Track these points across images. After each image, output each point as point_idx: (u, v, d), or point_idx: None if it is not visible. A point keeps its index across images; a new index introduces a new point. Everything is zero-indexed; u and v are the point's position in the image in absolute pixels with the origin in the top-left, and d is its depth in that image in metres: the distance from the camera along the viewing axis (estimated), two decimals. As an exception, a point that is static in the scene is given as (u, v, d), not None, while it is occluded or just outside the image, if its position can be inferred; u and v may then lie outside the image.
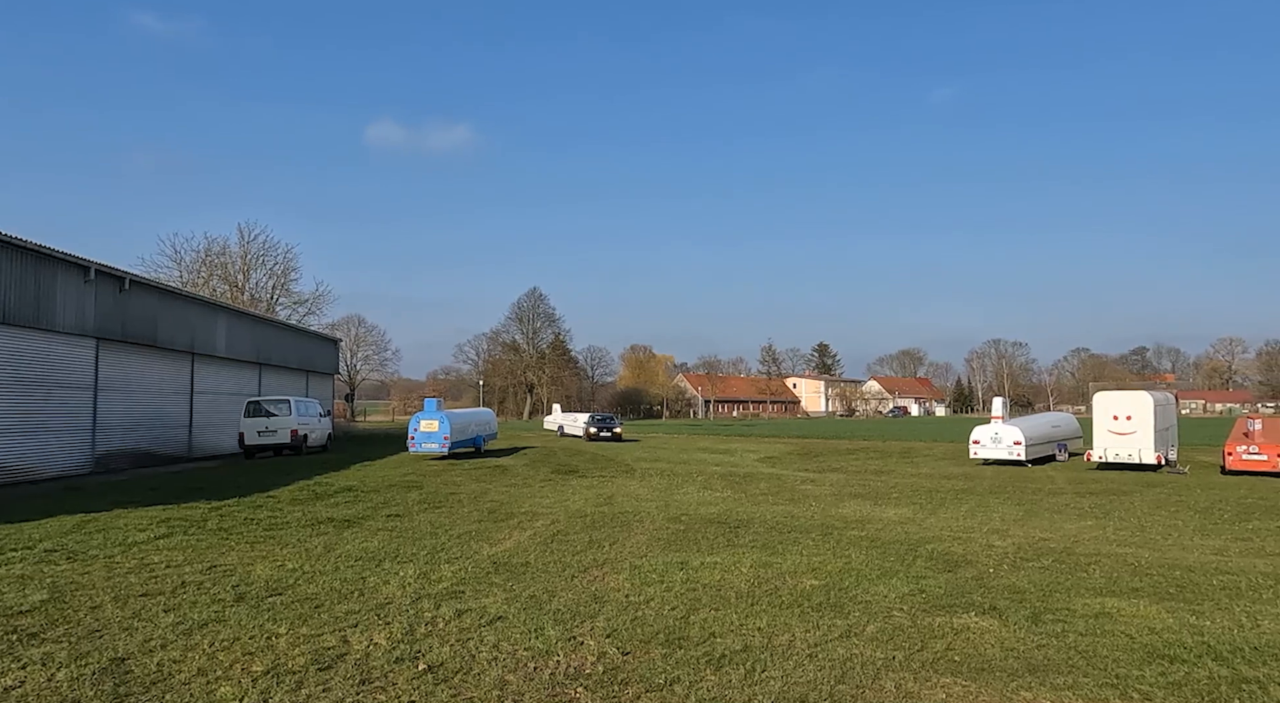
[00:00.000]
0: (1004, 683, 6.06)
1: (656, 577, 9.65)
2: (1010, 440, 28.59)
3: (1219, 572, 10.12)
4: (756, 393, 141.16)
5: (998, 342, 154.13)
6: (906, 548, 11.70)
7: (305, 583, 9.21)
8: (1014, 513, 16.03)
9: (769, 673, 6.28)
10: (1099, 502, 17.97)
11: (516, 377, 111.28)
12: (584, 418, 49.70)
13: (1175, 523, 14.73)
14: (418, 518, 14.62)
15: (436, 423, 28.77)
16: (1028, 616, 7.93)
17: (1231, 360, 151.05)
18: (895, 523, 14.43)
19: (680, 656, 6.69)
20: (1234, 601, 8.60)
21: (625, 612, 8.04)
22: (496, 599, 8.52)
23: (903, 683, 6.07)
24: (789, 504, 17.23)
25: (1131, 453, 26.51)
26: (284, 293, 59.74)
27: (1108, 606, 8.33)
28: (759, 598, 8.64)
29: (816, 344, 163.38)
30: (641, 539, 12.42)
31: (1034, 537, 12.96)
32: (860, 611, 8.16)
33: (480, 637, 7.17)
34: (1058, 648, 6.91)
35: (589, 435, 44.86)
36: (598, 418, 47.71)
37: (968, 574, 9.94)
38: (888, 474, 25.44)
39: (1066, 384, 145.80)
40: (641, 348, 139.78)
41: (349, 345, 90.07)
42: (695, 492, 19.57)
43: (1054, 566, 10.51)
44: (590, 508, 16.19)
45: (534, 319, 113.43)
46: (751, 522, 14.34)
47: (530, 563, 10.49)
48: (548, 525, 13.77)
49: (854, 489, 20.53)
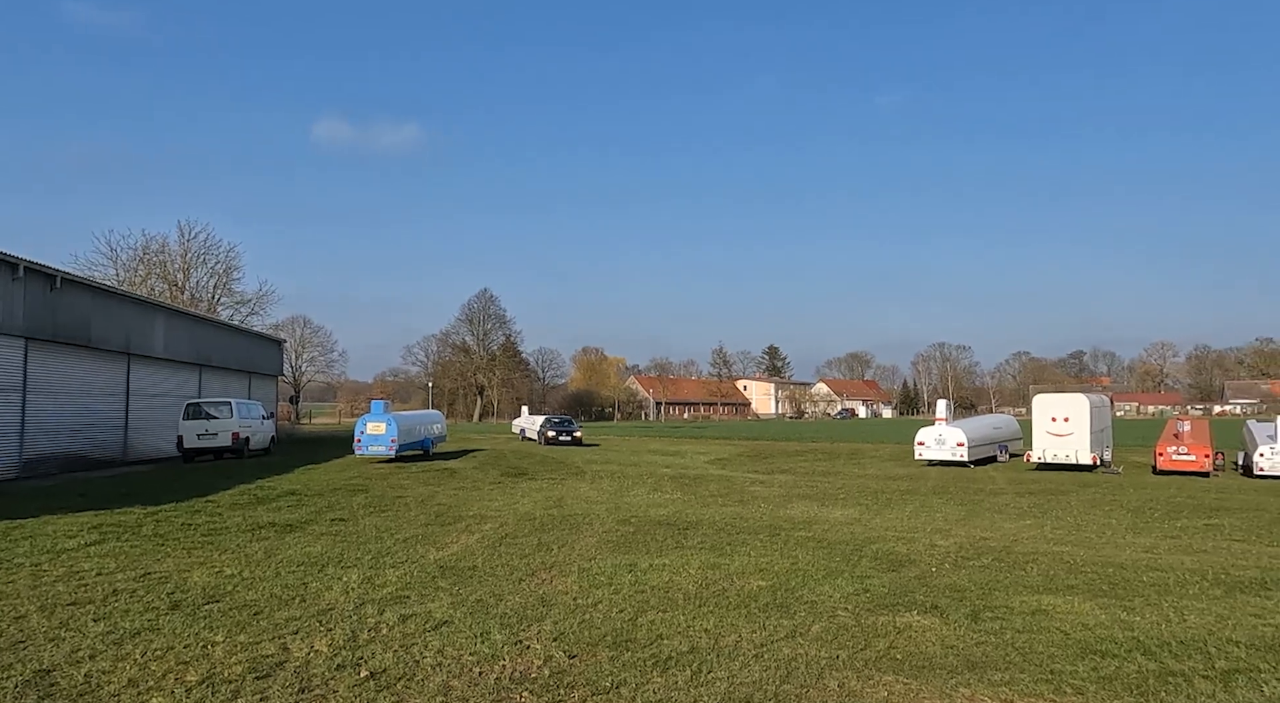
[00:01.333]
0: (944, 680, 6.17)
1: (605, 579, 9.63)
2: (953, 442, 29.22)
3: (1149, 569, 10.46)
4: (707, 395, 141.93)
5: (943, 345, 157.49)
6: (852, 548, 11.86)
7: (244, 589, 8.98)
8: (956, 513, 16.36)
9: (715, 674, 6.31)
10: (1037, 501, 18.45)
11: (467, 379, 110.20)
12: (540, 420, 46.84)
13: (1109, 522, 15.19)
14: (363, 522, 14.37)
15: (383, 425, 28.33)
16: (968, 614, 8.10)
17: (1163, 364, 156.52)
18: (842, 524, 14.63)
19: (627, 658, 6.68)
20: (1162, 596, 8.90)
21: (572, 615, 8.01)
22: (442, 604, 8.41)
23: (846, 682, 6.14)
24: (738, 506, 17.35)
25: (1069, 454, 27.29)
26: (226, 293, 58.20)
27: (1044, 603, 8.55)
28: (706, 599, 8.68)
29: (767, 347, 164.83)
30: (590, 542, 12.39)
31: (975, 536, 13.25)
32: (806, 610, 8.24)
33: (424, 642, 7.07)
34: (996, 645, 7.07)
35: (545, 439, 42.12)
36: (555, 420, 45.29)
37: (911, 574, 10.12)
38: (835, 475, 25.78)
39: (1008, 387, 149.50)
40: (593, 350, 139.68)
41: (294, 347, 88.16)
42: (645, 494, 19.59)
43: (994, 564, 10.76)
44: (539, 511, 16.10)
45: (484, 321, 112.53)
46: (700, 523, 14.40)
47: (477, 567, 10.39)
48: (496, 529, 13.65)
49: (802, 490, 20.76)
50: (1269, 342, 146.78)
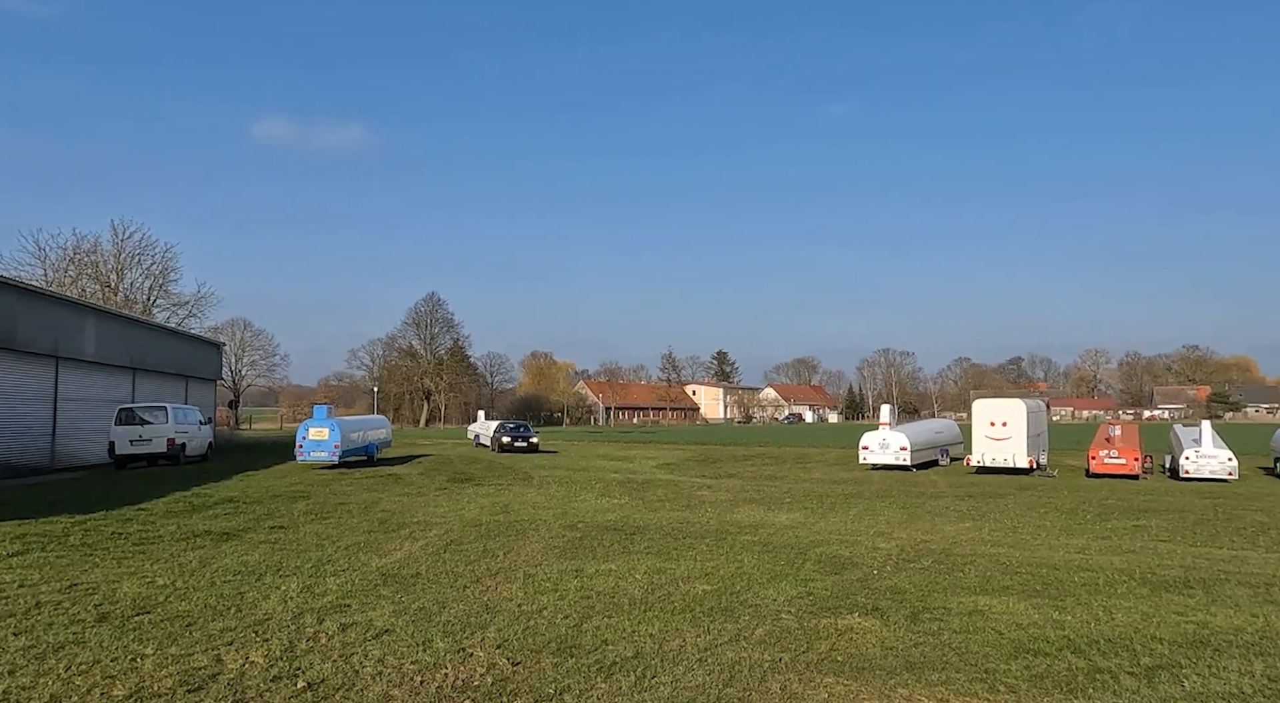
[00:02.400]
0: (883, 681, 6.28)
1: (550, 585, 9.58)
2: (897, 446, 29.78)
3: (1081, 569, 10.79)
4: (657, 400, 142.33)
5: (887, 351, 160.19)
6: (796, 552, 12.00)
7: (177, 600, 8.72)
8: (898, 516, 16.67)
9: (659, 679, 6.32)
10: (976, 504, 18.90)
11: (413, 383, 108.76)
12: (494, 425, 44.15)
13: (1044, 524, 15.63)
14: (303, 530, 14.07)
15: (326, 430, 27.77)
16: (907, 615, 8.25)
17: (1096, 370, 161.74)
18: (787, 527, 14.79)
19: (571, 664, 6.66)
20: (1093, 596, 9.19)
21: (517, 622, 7.95)
22: (384, 612, 8.27)
23: (788, 684, 6.21)
24: (685, 511, 17.43)
25: (1007, 457, 28.02)
26: (162, 294, 56.44)
27: (980, 604, 8.75)
28: (652, 604, 8.69)
29: (716, 352, 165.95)
30: (537, 548, 12.32)
31: (916, 539, 13.51)
32: (750, 614, 8.31)
33: (365, 651, 6.95)
34: (934, 646, 7.22)
35: (499, 446, 39.74)
36: (510, 426, 43.07)
37: (853, 576, 10.28)
38: (782, 480, 26.07)
39: (950, 392, 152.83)
40: (542, 355, 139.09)
41: (234, 350, 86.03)
42: (593, 499, 19.56)
43: (933, 566, 10.98)
44: (486, 517, 15.95)
45: (432, 325, 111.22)
46: (648, 528, 14.42)
47: (421, 574, 10.25)
48: (441, 535, 13.49)
49: (749, 495, 20.94)
50: (1195, 349, 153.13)
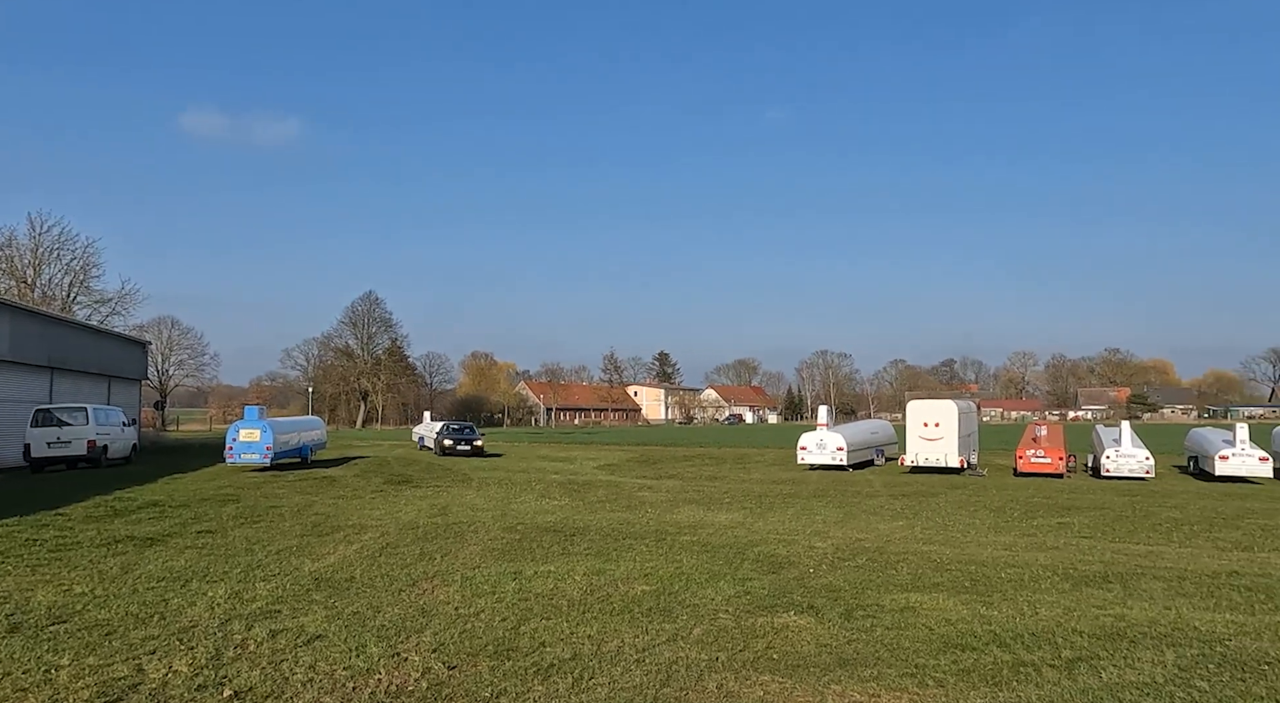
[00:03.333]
0: (817, 678, 6.38)
1: (488, 588, 9.50)
2: (834, 447, 30.27)
3: (1007, 566, 11.13)
4: (598, 401, 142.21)
5: (825, 353, 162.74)
6: (735, 552, 12.11)
7: (96, 608, 8.39)
8: (835, 515, 16.96)
9: (596, 680, 6.32)
10: (910, 503, 19.34)
11: (350, 384, 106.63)
12: (437, 427, 42.24)
13: (973, 522, 16.08)
14: (232, 534, 13.67)
15: (258, 432, 27.04)
16: (841, 613, 8.40)
17: (1024, 372, 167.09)
18: (726, 527, 14.92)
19: (508, 667, 6.61)
20: (1018, 591, 9.49)
21: (454, 625, 7.86)
22: (316, 617, 8.09)
23: (724, 683, 6.27)
24: (625, 511, 17.45)
25: (939, 457, 28.72)
26: (83, 291, 54.23)
27: (912, 600, 8.96)
28: (591, 605, 8.68)
29: (658, 353, 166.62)
30: (475, 550, 12.19)
31: (851, 538, 13.77)
32: (688, 614, 8.37)
33: (295, 658, 6.78)
34: (866, 642, 7.37)
35: (441, 449, 37.82)
36: (453, 427, 41.06)
37: (790, 575, 10.42)
38: (721, 480, 26.28)
39: (886, 393, 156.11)
40: (482, 355, 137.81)
41: (160, 349, 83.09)
42: (533, 500, 19.44)
43: (867, 564, 11.20)
44: (423, 519, 15.72)
45: (369, 324, 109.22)
46: (587, 529, 14.40)
47: (355, 578, 10.05)
48: (376, 538, 13.25)
49: (689, 495, 21.06)
50: (1116, 352, 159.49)
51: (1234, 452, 26.15)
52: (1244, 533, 14.70)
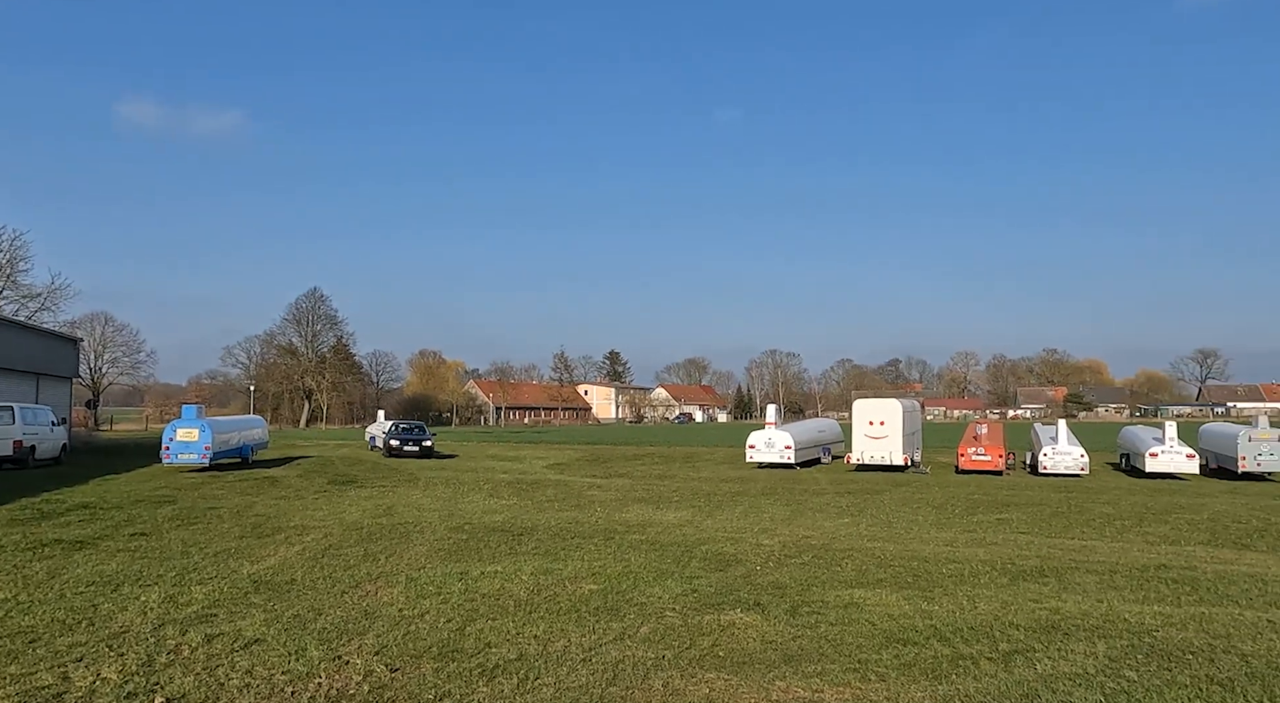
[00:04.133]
0: (762, 674, 6.43)
1: (434, 589, 9.37)
2: (782, 445, 30.58)
3: (948, 561, 11.37)
4: (549, 400, 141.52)
5: (774, 352, 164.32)
6: (683, 550, 12.16)
7: (20, 614, 8.06)
8: (782, 513, 17.14)
9: (542, 680, 6.27)
10: (855, 501, 19.64)
11: (293, 382, 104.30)
12: (388, 426, 40.31)
13: (916, 518, 16.39)
14: (168, 536, 13.26)
15: (196, 431, 26.28)
16: (787, 609, 8.49)
17: (967, 372, 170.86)
18: (675, 526, 14.96)
19: (453, 669, 6.53)
20: (958, 586, 9.70)
21: (397, 627, 7.74)
22: (254, 621, 7.89)
23: (670, 681, 6.28)
24: (574, 511, 17.39)
25: (884, 455, 29.23)
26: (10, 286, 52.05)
27: (856, 596, 9.09)
28: (537, 605, 8.63)
29: (608, 352, 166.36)
30: (421, 551, 12.03)
31: (798, 535, 13.92)
32: (636, 613, 8.36)
33: (232, 662, 6.61)
34: (811, 638, 7.45)
35: (388, 450, 36.03)
36: (401, 427, 39.09)
37: (737, 573, 10.49)
38: (671, 479, 26.37)
39: (833, 392, 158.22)
40: (431, 353, 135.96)
41: (93, 346, 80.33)
42: (481, 500, 19.26)
43: (813, 561, 11.34)
44: (368, 520, 15.46)
45: (313, 321, 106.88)
46: (536, 529, 14.31)
47: (296, 580, 9.84)
48: (319, 539, 12.99)
49: (638, 494, 21.08)
50: (1054, 352, 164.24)
51: (1163, 449, 27.13)
52: (1171, 528, 15.25)
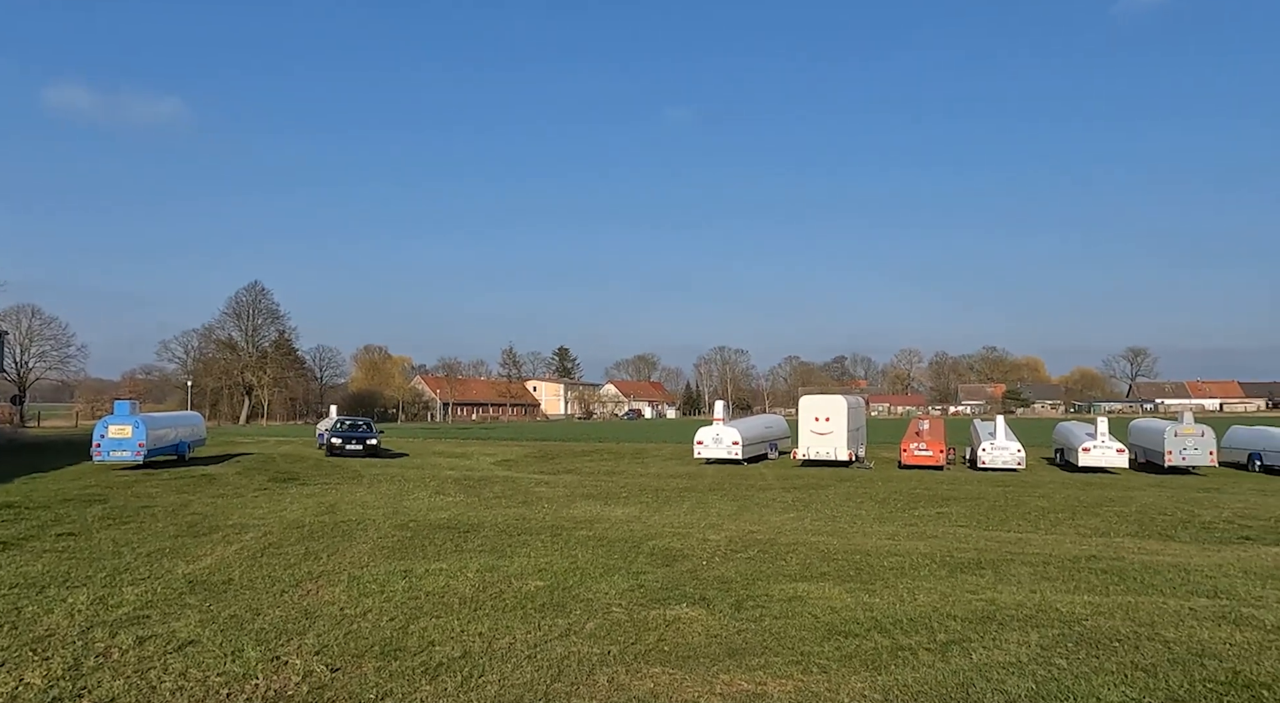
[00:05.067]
0: (707, 668, 6.48)
1: (376, 587, 9.24)
2: (729, 441, 30.83)
3: (890, 554, 11.59)
4: (497, 396, 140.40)
5: (723, 349, 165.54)
6: (630, 546, 12.18)
7: (-62, 619, 7.72)
8: (729, 508, 17.28)
9: (486, 678, 6.23)
10: (800, 496, 19.90)
11: (233, 378, 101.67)
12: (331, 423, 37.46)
13: (859, 513, 16.68)
14: (98, 536, 12.83)
15: (129, 428, 25.48)
16: (732, 603, 8.56)
17: (910, 369, 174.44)
18: (622, 522, 14.98)
19: (395, 667, 6.44)
20: (899, 579, 9.89)
21: (339, 626, 7.61)
22: (189, 622, 7.69)
23: (615, 676, 6.29)
24: (522, 507, 17.29)
25: (829, 451, 29.66)
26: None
27: (800, 590, 9.22)
28: (483, 603, 8.57)
29: (557, 348, 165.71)
30: (364, 549, 11.84)
31: (744, 530, 14.05)
32: (582, 609, 8.35)
33: (165, 665, 6.42)
34: (755, 632, 7.53)
35: (329, 449, 33.11)
36: (345, 423, 36.09)
37: (684, 568, 10.55)
38: (619, 475, 26.40)
39: (780, 389, 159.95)
40: (376, 349, 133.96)
41: (18, 340, 77.35)
42: (426, 497, 19.04)
43: (759, 556, 11.46)
44: (309, 517, 15.16)
45: (254, 316, 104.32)
46: (482, 526, 14.20)
47: (234, 580, 9.60)
48: (258, 538, 12.69)
49: (586, 490, 21.06)
50: (993, 350, 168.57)
51: (1095, 444, 28.06)
52: (1102, 520, 15.78)
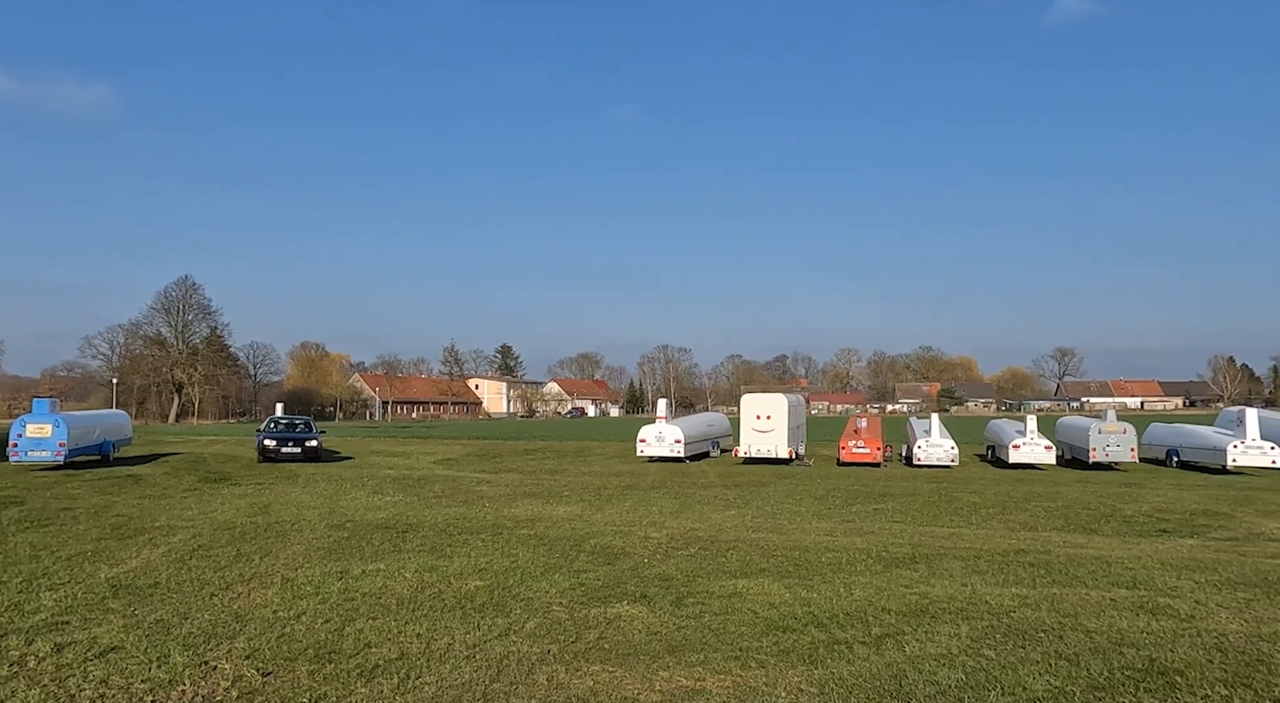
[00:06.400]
0: (646, 665, 6.51)
1: (311, 589, 9.04)
2: (672, 439, 30.96)
3: (828, 550, 11.79)
4: (438, 394, 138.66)
5: (666, 348, 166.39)
6: (572, 544, 12.15)
7: None
8: (671, 506, 17.36)
9: (424, 679, 6.15)
10: (741, 493, 20.10)
11: (162, 375, 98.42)
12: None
13: (799, 510, 16.92)
14: (13, 540, 12.30)
15: (49, 427, 24.45)
16: (672, 600, 8.61)
17: (849, 368, 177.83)
18: (564, 520, 14.94)
19: (329, 670, 6.32)
20: (836, 574, 10.07)
21: (271, 629, 7.43)
22: (112, 627, 7.42)
23: (555, 675, 6.27)
24: (462, 506, 17.11)
25: (770, 449, 30.00)
26: None
27: (739, 586, 9.31)
28: (421, 603, 8.45)
29: (500, 346, 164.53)
30: (299, 550, 11.57)
31: (686, 527, 14.13)
32: (522, 608, 8.31)
33: (85, 672, 6.19)
34: (695, 628, 7.58)
35: (263, 453, 29.29)
36: (282, 423, 31.86)
37: (625, 565, 10.57)
38: (562, 473, 26.30)
39: (723, 387, 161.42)
40: (313, 346, 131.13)
41: (-69, 333, 73.51)
42: (364, 497, 18.69)
43: (700, 553, 11.54)
44: (241, 519, 14.76)
45: (185, 311, 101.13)
46: (421, 525, 14.01)
47: (160, 583, 9.30)
48: (187, 540, 12.31)
49: (528, 489, 20.93)
50: (929, 350, 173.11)
51: (1024, 441, 28.95)
52: (1030, 515, 16.30)
